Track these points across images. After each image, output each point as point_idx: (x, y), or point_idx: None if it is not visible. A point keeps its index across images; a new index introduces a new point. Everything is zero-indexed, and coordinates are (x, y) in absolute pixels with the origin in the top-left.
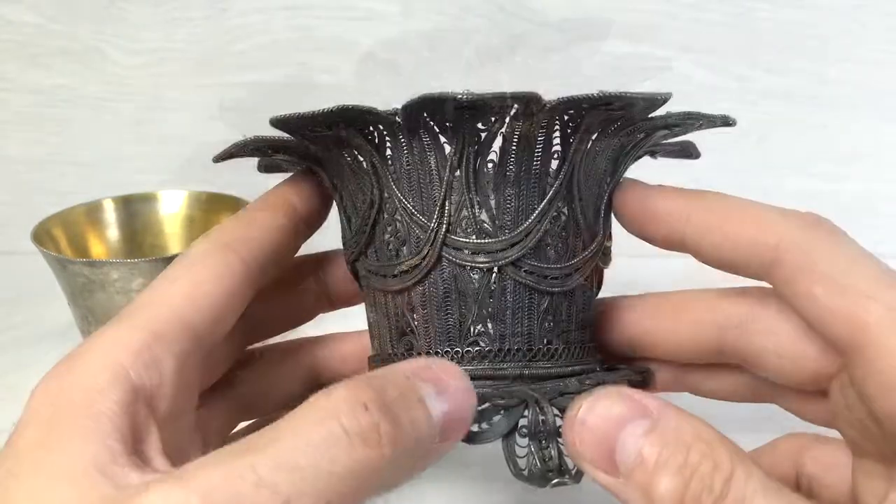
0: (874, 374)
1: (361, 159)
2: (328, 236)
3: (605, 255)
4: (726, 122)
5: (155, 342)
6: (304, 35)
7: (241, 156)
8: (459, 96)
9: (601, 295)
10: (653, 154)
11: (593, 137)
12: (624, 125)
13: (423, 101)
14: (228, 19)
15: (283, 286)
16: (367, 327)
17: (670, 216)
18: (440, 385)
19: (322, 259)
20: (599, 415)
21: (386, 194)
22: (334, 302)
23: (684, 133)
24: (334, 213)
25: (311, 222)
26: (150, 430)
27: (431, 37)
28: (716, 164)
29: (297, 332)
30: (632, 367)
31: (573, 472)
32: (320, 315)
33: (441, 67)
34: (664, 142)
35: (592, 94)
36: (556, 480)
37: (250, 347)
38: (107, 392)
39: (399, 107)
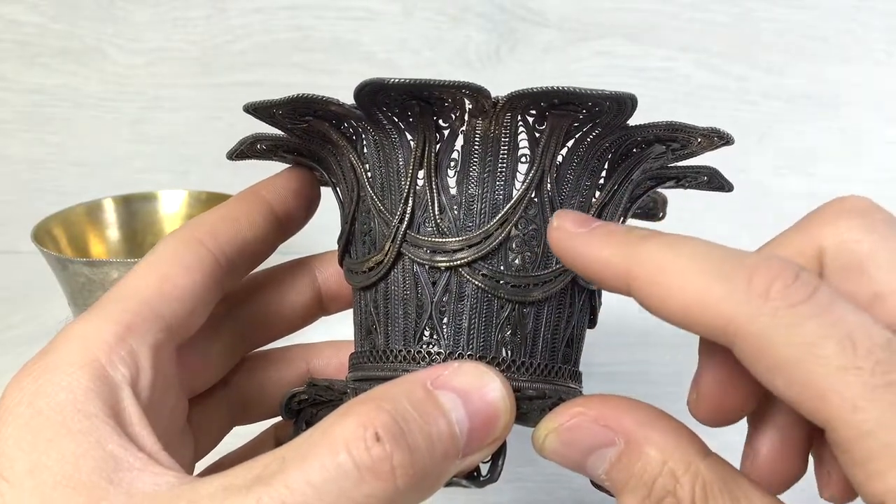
0: (849, 474)
1: (344, 156)
2: (329, 236)
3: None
4: (724, 139)
5: (128, 334)
6: (304, 35)
7: (254, 157)
8: (396, 80)
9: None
10: (679, 182)
11: (569, 145)
12: (603, 134)
13: (365, 84)
14: (228, 19)
15: (277, 288)
16: None
17: (617, 273)
18: (466, 395)
19: (316, 260)
20: (565, 442)
21: (362, 192)
22: (327, 304)
23: (689, 154)
24: (329, 216)
25: (288, 222)
26: (143, 424)
27: (431, 37)
28: (716, 164)
29: (294, 340)
30: None
31: (481, 478)
32: (317, 322)
33: (441, 67)
34: (681, 164)
35: (545, 88)
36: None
37: (249, 354)
38: (91, 392)
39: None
